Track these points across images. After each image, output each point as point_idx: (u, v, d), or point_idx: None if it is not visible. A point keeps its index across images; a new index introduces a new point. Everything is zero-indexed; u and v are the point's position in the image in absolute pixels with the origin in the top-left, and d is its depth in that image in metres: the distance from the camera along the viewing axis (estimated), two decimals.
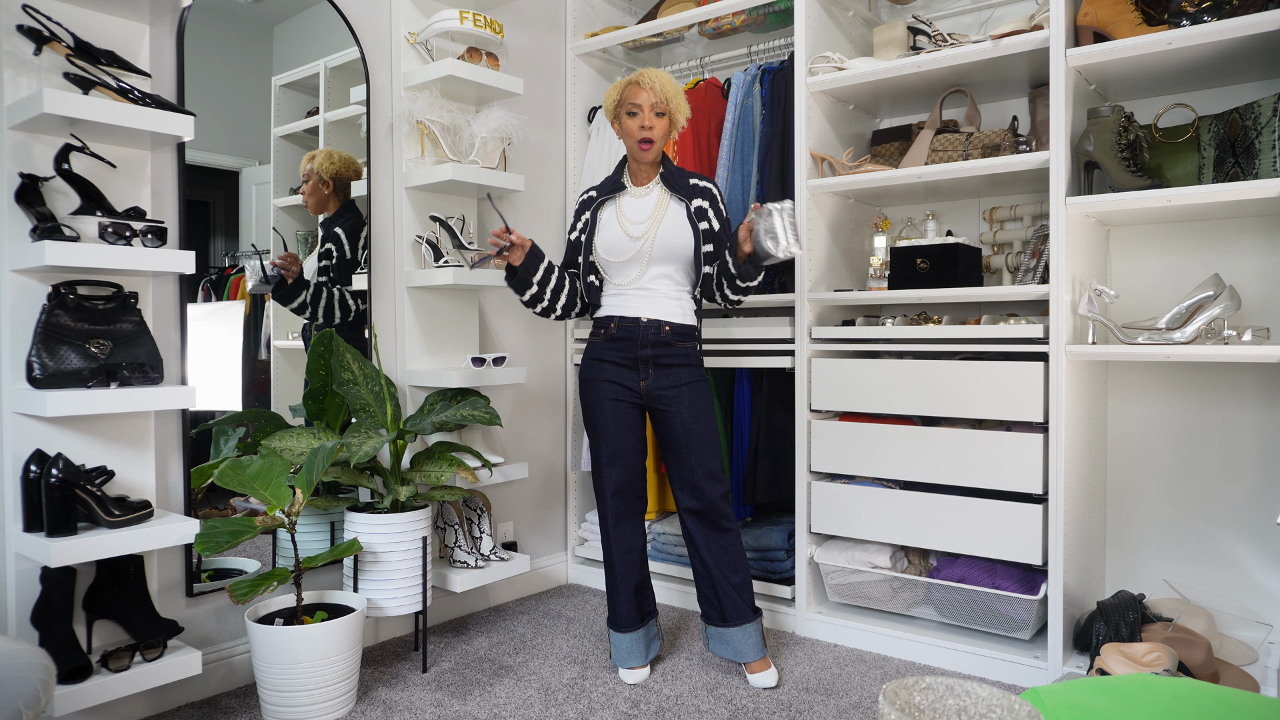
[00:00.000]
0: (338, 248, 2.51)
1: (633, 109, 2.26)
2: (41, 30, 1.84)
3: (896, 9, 3.00)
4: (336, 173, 2.46)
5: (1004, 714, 1.32)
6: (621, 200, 2.36)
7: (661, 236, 2.28)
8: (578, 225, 2.40)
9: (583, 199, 2.42)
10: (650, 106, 2.25)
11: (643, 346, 2.29)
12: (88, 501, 1.83)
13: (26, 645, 1.44)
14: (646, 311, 2.30)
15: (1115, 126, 2.24)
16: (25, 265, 1.82)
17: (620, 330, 2.31)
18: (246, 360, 2.48)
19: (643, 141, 2.26)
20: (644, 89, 2.25)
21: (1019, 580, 2.39)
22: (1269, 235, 2.36)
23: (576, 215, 2.42)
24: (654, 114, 2.25)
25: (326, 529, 2.52)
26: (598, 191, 2.40)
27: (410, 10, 2.65)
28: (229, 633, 2.30)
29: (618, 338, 2.31)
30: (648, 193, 2.34)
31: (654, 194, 2.34)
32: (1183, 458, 2.50)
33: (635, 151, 2.30)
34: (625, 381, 2.32)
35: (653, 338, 2.29)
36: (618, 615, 2.39)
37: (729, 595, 2.32)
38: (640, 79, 2.27)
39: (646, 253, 2.28)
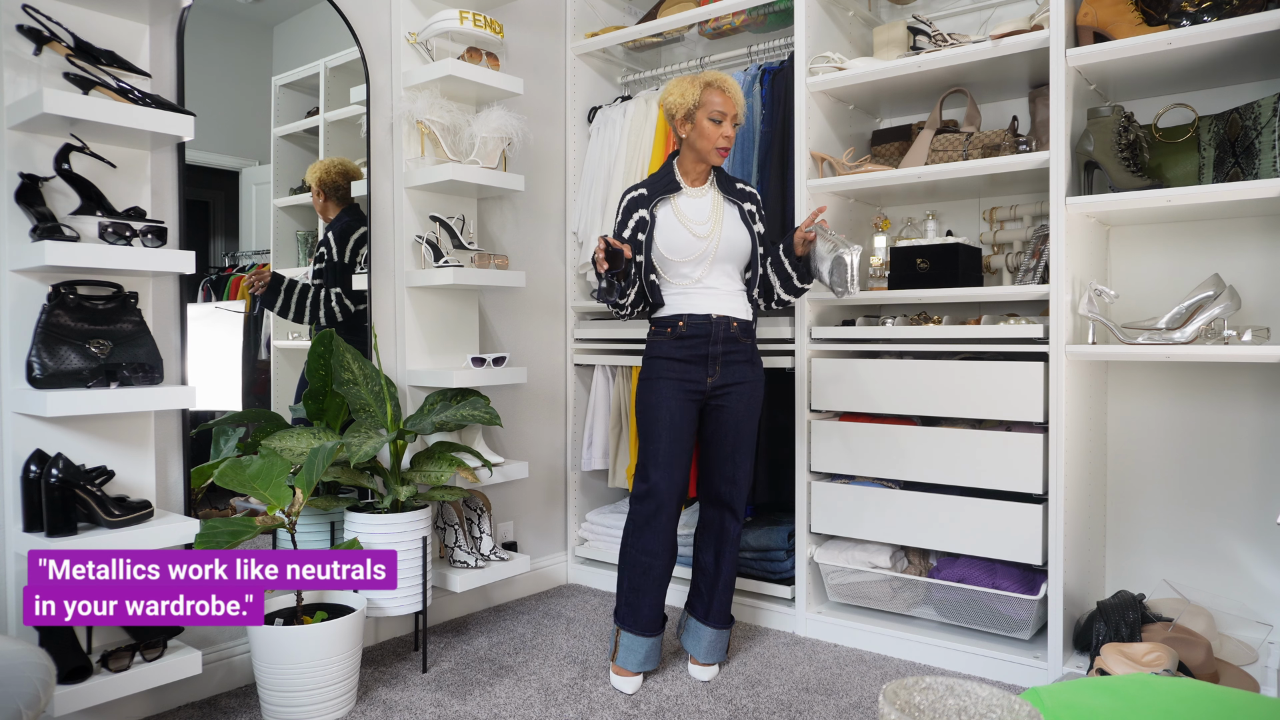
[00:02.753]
0: (328, 250, 2.51)
1: (717, 115, 2.24)
2: (41, 30, 1.84)
3: (896, 9, 3.00)
4: (333, 181, 2.48)
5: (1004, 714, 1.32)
6: (677, 200, 2.32)
7: (726, 237, 2.28)
8: (629, 223, 2.31)
9: (633, 196, 2.33)
10: (731, 117, 2.26)
11: (713, 343, 2.28)
12: (88, 501, 1.83)
13: (26, 645, 1.44)
14: (715, 308, 2.29)
15: (1115, 126, 2.24)
16: (25, 265, 1.82)
17: (690, 328, 2.28)
18: (246, 360, 2.48)
19: (722, 150, 2.27)
20: (729, 97, 2.25)
21: (1019, 580, 2.39)
22: (1269, 235, 2.35)
23: (626, 213, 2.32)
24: (733, 124, 2.27)
25: (326, 529, 2.52)
26: (648, 190, 2.33)
27: (410, 10, 2.65)
28: (229, 633, 2.30)
29: (687, 335, 2.28)
30: (703, 194, 2.33)
31: (709, 195, 2.33)
32: (1183, 458, 2.50)
33: (708, 155, 2.28)
34: (693, 378, 2.29)
35: (723, 334, 2.28)
36: (642, 618, 2.31)
37: (722, 598, 2.38)
38: (725, 86, 2.25)
39: (712, 252, 2.27)
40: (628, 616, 2.33)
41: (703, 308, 2.29)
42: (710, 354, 2.28)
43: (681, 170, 2.35)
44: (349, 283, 2.58)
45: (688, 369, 2.29)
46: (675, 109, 2.28)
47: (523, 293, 3.08)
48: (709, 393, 2.31)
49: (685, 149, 2.33)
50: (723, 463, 2.33)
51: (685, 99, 2.27)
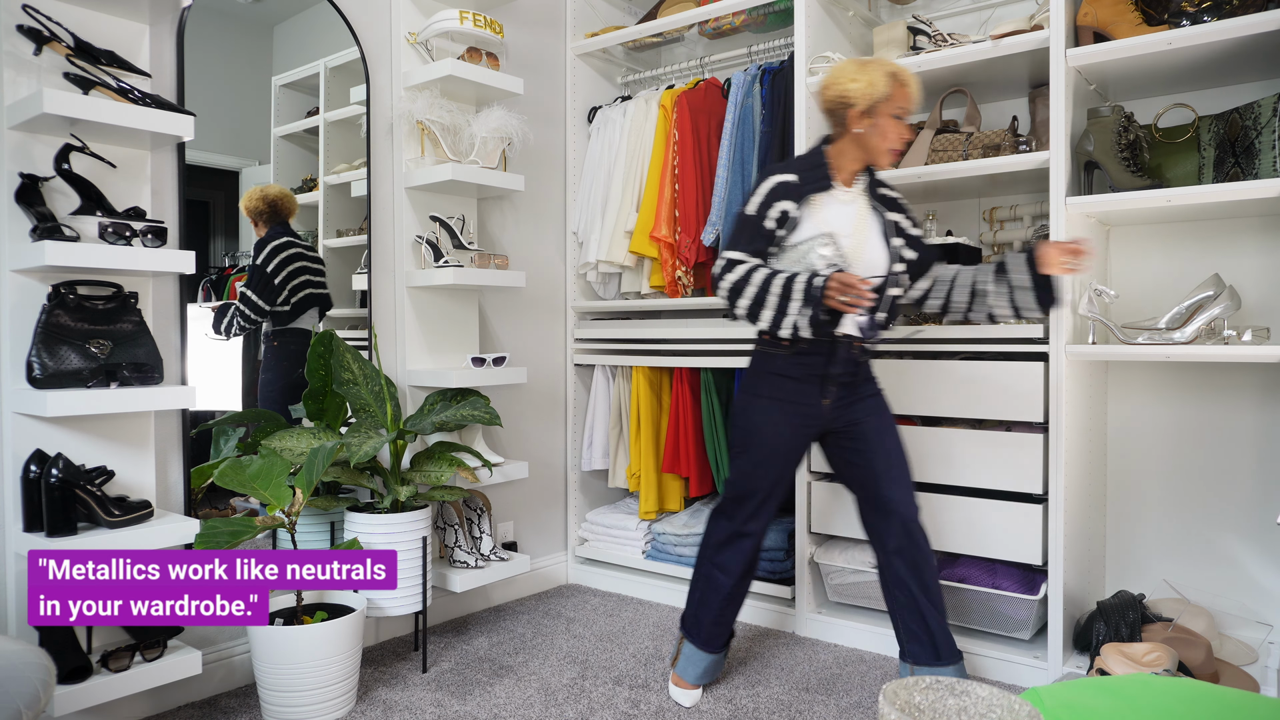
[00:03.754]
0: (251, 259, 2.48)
1: (901, 113, 2.00)
2: (41, 30, 1.84)
3: (896, 9, 3.00)
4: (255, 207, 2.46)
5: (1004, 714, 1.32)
6: (825, 200, 2.03)
7: (866, 257, 2.02)
8: (770, 214, 2.00)
9: (783, 182, 2.01)
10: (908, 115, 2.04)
11: (835, 364, 2.04)
12: (88, 501, 1.83)
13: (26, 645, 1.44)
14: (840, 327, 2.01)
15: (1115, 126, 2.24)
16: (25, 265, 1.82)
17: (811, 345, 2.02)
18: (246, 360, 2.48)
19: (896, 151, 2.04)
20: (912, 94, 2.01)
21: (1019, 580, 2.39)
22: (1269, 235, 2.35)
23: (769, 199, 2.01)
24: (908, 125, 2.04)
25: (326, 529, 2.52)
26: (799, 179, 2.02)
27: (410, 10, 2.65)
28: (229, 633, 2.30)
29: (807, 353, 2.03)
30: (852, 199, 2.06)
31: (858, 201, 2.07)
32: (1183, 458, 2.50)
33: (878, 156, 2.02)
34: (810, 400, 2.06)
35: (843, 355, 2.04)
36: (715, 635, 2.21)
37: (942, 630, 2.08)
38: (908, 81, 2.00)
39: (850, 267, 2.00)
40: (694, 628, 2.22)
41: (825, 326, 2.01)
42: (830, 375, 2.04)
43: (835, 165, 2.05)
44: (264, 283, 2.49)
45: (801, 390, 2.06)
46: (856, 98, 1.96)
47: (523, 293, 3.08)
48: (828, 415, 2.08)
49: (848, 143, 2.03)
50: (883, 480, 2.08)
51: (874, 89, 1.95)
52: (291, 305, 2.50)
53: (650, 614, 2.92)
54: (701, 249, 2.95)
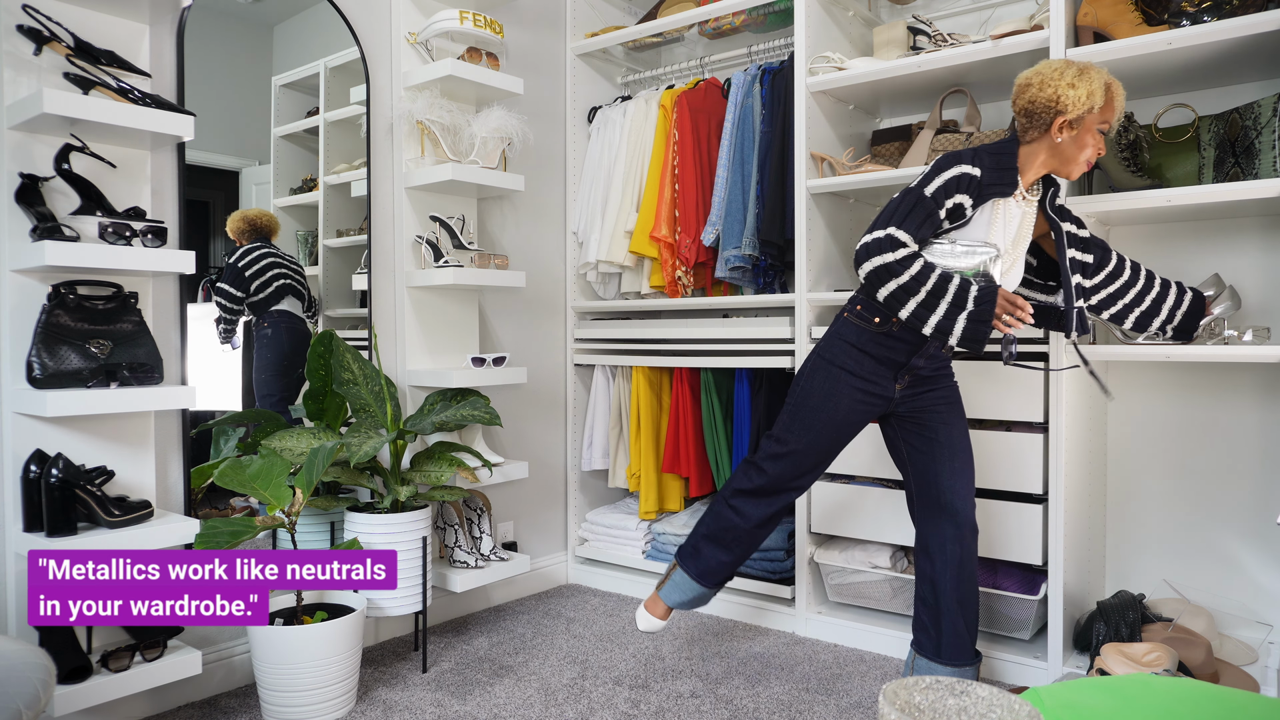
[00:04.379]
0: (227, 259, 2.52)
1: (1105, 127, 1.91)
2: (41, 30, 1.84)
3: (896, 9, 3.00)
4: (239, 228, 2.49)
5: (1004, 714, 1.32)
6: (1005, 203, 1.95)
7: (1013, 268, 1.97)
8: (947, 203, 1.90)
9: (966, 173, 1.90)
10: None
11: (920, 356, 1.99)
12: (88, 501, 1.83)
13: (26, 645, 1.44)
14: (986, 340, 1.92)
15: (1115, 126, 2.23)
16: (25, 265, 1.82)
17: (903, 330, 1.96)
18: (246, 360, 2.48)
19: (1090, 164, 1.93)
20: (1119, 113, 1.92)
21: (1019, 580, 2.39)
22: (1269, 235, 2.35)
23: (949, 188, 1.90)
24: None
25: (326, 529, 2.52)
26: (983, 175, 1.91)
27: (410, 10, 2.65)
28: (229, 633, 2.30)
29: (895, 335, 1.97)
30: (1029, 205, 1.99)
31: (1029, 210, 1.99)
32: (1183, 458, 2.50)
33: (1072, 168, 1.92)
34: (881, 380, 2.01)
35: (932, 349, 1.99)
36: (717, 575, 2.18)
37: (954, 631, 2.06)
38: (1121, 97, 1.91)
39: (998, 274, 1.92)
40: (690, 557, 2.19)
41: None
42: (909, 365, 2.00)
43: (1024, 168, 1.95)
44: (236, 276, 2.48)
45: (880, 369, 2.00)
46: (1069, 106, 1.84)
47: (523, 293, 3.08)
48: (898, 401, 2.05)
49: (1043, 149, 1.92)
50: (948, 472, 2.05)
51: (1092, 99, 1.84)
52: (266, 294, 2.51)
53: None
54: (701, 249, 2.96)
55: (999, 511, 2.37)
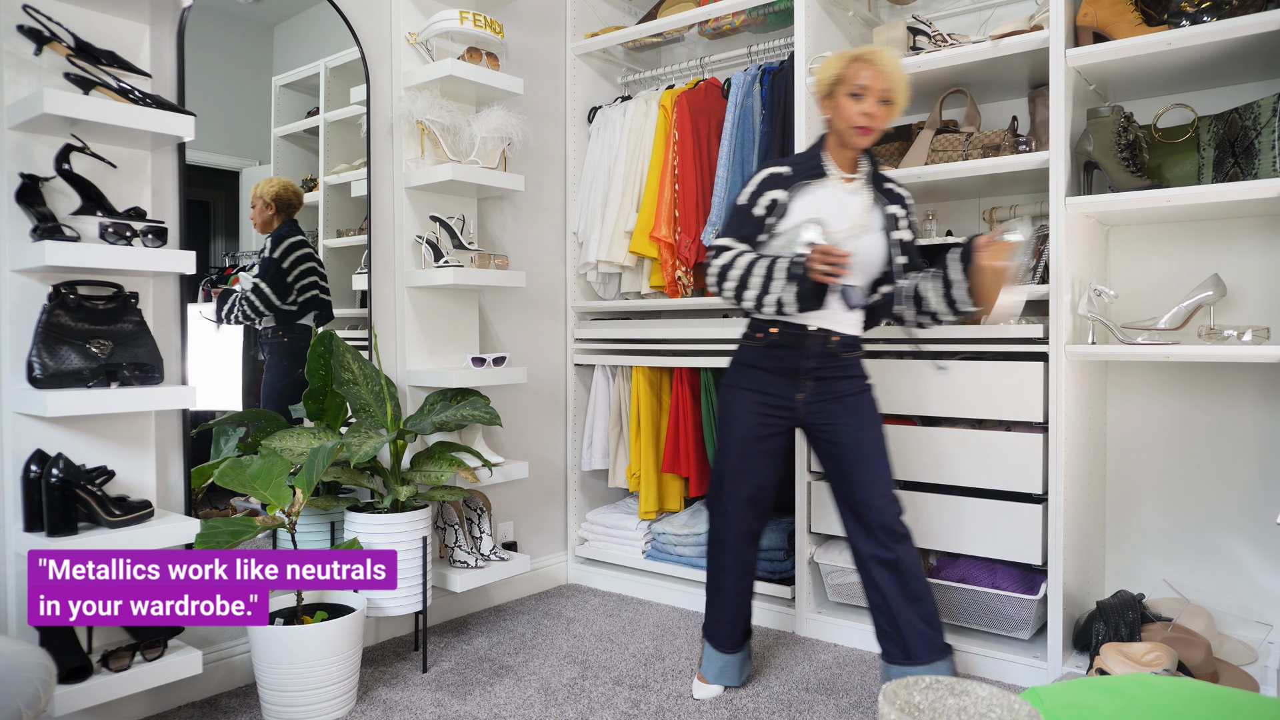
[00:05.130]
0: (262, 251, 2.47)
1: (858, 91, 1.99)
2: (42, 30, 1.84)
3: (896, 9, 3.00)
4: (276, 194, 2.46)
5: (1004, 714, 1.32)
6: (821, 191, 2.06)
7: (866, 245, 2.03)
8: (760, 202, 2.06)
9: (774, 173, 2.08)
10: (879, 92, 1.99)
11: (805, 357, 2.05)
12: (88, 501, 1.83)
13: (27, 645, 1.44)
14: (815, 320, 2.03)
15: (1115, 127, 2.24)
16: (26, 265, 1.82)
17: (782, 337, 2.05)
18: (246, 360, 2.48)
19: (861, 129, 2.00)
20: (873, 69, 1.98)
21: (1019, 580, 2.39)
22: (1269, 235, 2.36)
23: (760, 189, 2.07)
24: (879, 101, 2.00)
25: (326, 529, 2.52)
26: (791, 171, 2.07)
27: (410, 10, 2.65)
28: (229, 632, 2.30)
29: (777, 344, 2.06)
30: (855, 191, 2.08)
31: (864, 192, 2.08)
32: (1183, 458, 2.50)
33: (849, 137, 2.02)
34: (777, 392, 2.08)
35: (818, 348, 2.04)
36: (721, 634, 2.24)
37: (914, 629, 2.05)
38: (871, 57, 2.00)
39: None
40: (709, 629, 2.27)
41: (800, 317, 2.04)
42: (801, 368, 2.06)
43: (828, 155, 2.10)
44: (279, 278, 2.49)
45: (772, 381, 2.08)
46: (817, 87, 2.08)
47: (523, 293, 3.08)
48: (804, 411, 2.09)
49: (829, 132, 2.10)
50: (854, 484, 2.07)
51: (827, 76, 2.04)
52: (299, 305, 2.51)
53: (650, 614, 2.92)
54: (701, 249, 2.96)
55: (999, 511, 2.37)
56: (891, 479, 2.10)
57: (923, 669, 2.04)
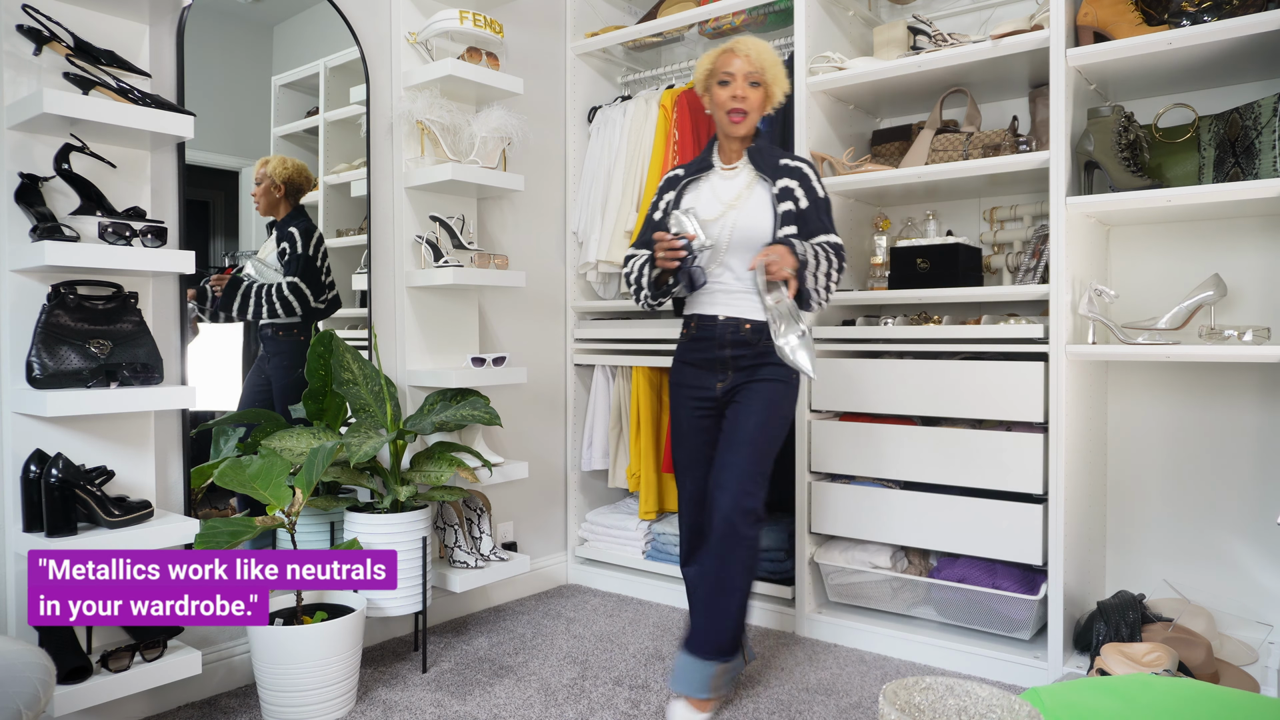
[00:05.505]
0: (291, 245, 2.43)
1: (725, 78, 2.06)
2: (41, 30, 1.84)
3: (896, 9, 3.00)
4: (289, 178, 2.42)
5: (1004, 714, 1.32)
6: (707, 182, 2.15)
7: (740, 224, 2.05)
8: (660, 204, 2.17)
9: (669, 177, 2.21)
10: (745, 75, 2.05)
11: (720, 347, 2.08)
12: (88, 501, 1.83)
13: (26, 645, 1.44)
14: (724, 308, 2.08)
15: (1115, 126, 2.24)
16: (25, 265, 1.82)
17: (700, 330, 2.12)
18: (246, 360, 2.48)
19: (733, 112, 2.05)
20: (738, 56, 2.05)
21: (1019, 580, 2.39)
22: (1269, 235, 2.35)
23: (659, 193, 2.20)
24: (748, 84, 2.05)
25: (326, 529, 2.52)
26: (685, 171, 2.19)
27: (410, 10, 2.65)
28: (229, 633, 2.30)
29: (697, 338, 2.12)
30: (735, 174, 2.13)
31: (741, 175, 2.12)
32: (1183, 458, 2.50)
33: (725, 124, 2.09)
34: (703, 384, 2.12)
35: (731, 337, 2.07)
36: (688, 631, 2.17)
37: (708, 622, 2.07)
38: (734, 45, 2.07)
39: (723, 242, 2.05)
40: (686, 635, 2.17)
41: (711, 307, 2.11)
42: (719, 359, 2.09)
43: (719, 148, 2.18)
44: (314, 276, 2.50)
45: (698, 375, 2.13)
46: (695, 85, 2.16)
47: (523, 293, 3.08)
48: (721, 399, 2.12)
49: (717, 127, 2.16)
50: (717, 463, 2.09)
51: (701, 73, 2.12)
52: (326, 304, 2.51)
53: (650, 614, 2.92)
54: None
55: (999, 511, 2.37)
56: (754, 470, 2.03)
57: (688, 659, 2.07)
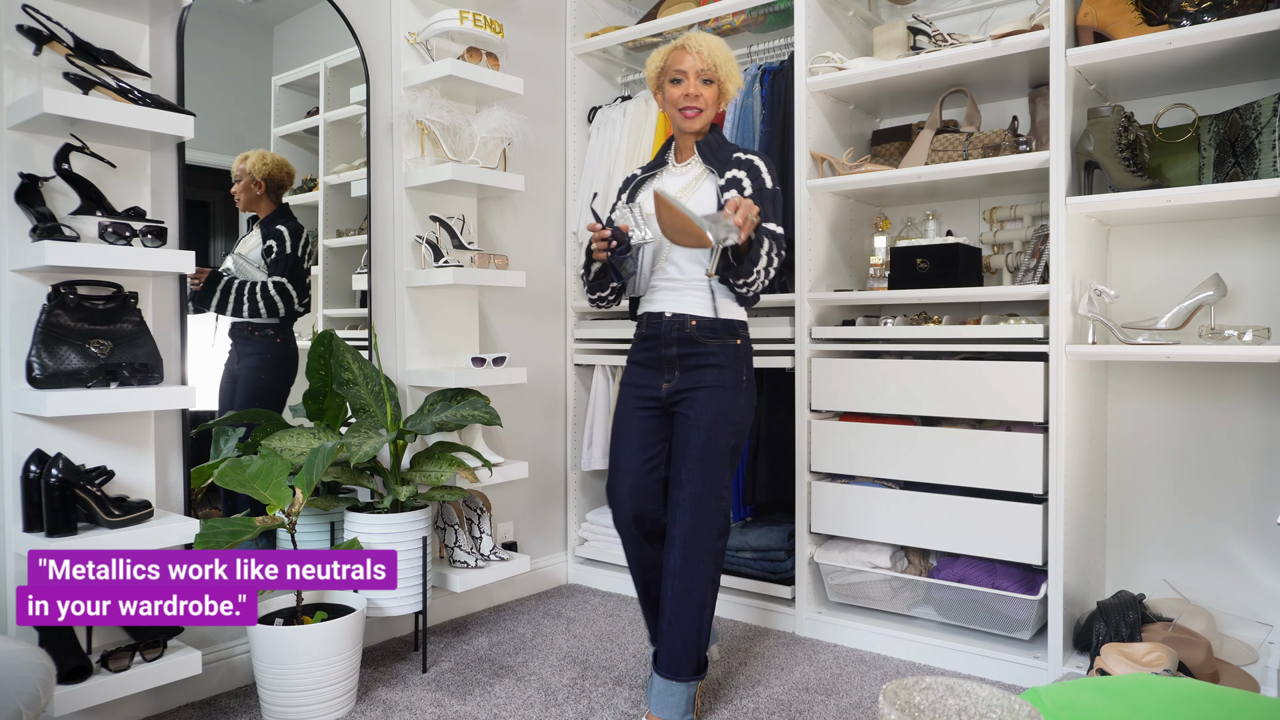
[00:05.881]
0: (279, 243, 2.38)
1: (677, 75, 2.04)
2: (41, 30, 1.84)
3: (896, 9, 3.00)
4: (269, 174, 2.36)
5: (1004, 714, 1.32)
6: (659, 179, 2.15)
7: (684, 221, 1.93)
8: (617, 205, 2.19)
9: (626, 178, 2.23)
10: (696, 73, 2.02)
11: (666, 345, 2.04)
12: (87, 501, 1.83)
13: (26, 645, 1.44)
14: (669, 305, 2.05)
15: (1115, 126, 2.24)
16: (25, 265, 1.82)
17: (648, 328, 2.08)
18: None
19: (686, 110, 2.04)
20: (689, 53, 2.03)
21: (1019, 580, 2.39)
22: (1269, 235, 2.35)
23: (618, 194, 2.22)
24: (700, 81, 2.03)
25: (326, 529, 2.52)
26: (641, 171, 2.20)
27: (410, 10, 2.65)
28: (229, 632, 2.30)
29: (646, 336, 2.09)
30: (687, 169, 2.12)
31: (692, 170, 2.11)
32: (1183, 458, 2.50)
33: (679, 121, 2.07)
34: (649, 384, 2.08)
35: (676, 335, 2.03)
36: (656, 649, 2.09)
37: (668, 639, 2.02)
38: (685, 42, 2.05)
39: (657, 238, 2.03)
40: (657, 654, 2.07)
41: (658, 304, 2.07)
42: (665, 357, 2.05)
43: (675, 146, 2.17)
44: (300, 277, 2.47)
45: (647, 374, 2.09)
46: (650, 85, 2.15)
47: (523, 293, 3.08)
48: (666, 400, 2.06)
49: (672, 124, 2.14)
50: (672, 480, 2.05)
51: (652, 69, 2.11)
52: (306, 305, 2.49)
53: None
54: None
55: (999, 511, 2.37)
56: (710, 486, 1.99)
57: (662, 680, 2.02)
